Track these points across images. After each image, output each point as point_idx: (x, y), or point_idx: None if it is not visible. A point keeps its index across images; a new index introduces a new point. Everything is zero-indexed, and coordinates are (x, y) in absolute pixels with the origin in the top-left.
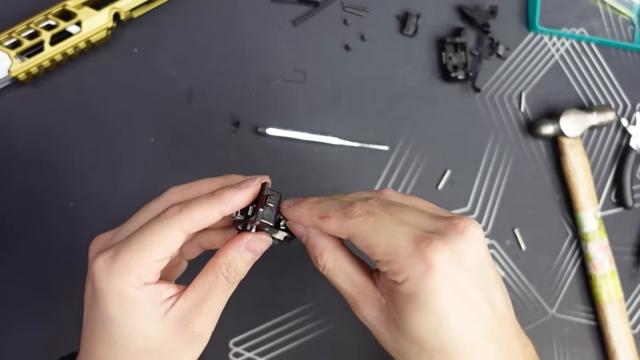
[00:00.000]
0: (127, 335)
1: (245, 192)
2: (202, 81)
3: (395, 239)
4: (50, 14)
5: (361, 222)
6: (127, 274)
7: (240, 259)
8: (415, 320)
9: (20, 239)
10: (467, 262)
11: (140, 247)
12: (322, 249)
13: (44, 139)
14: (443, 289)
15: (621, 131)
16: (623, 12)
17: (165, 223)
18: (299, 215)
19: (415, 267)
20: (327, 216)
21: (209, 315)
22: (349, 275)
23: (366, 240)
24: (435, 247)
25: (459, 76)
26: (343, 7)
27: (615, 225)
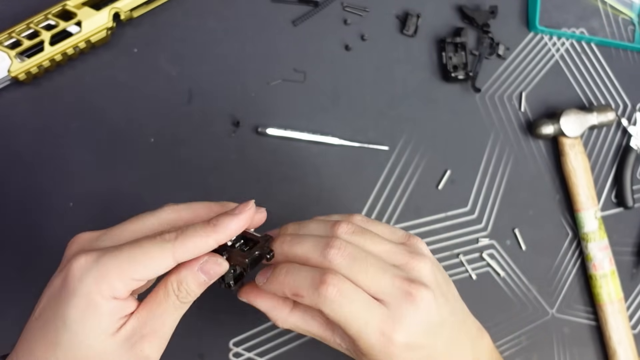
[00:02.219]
0: (75, 343)
1: (240, 218)
2: (202, 81)
3: (366, 328)
4: (50, 14)
5: (335, 306)
6: (102, 282)
7: (192, 279)
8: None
9: (20, 239)
10: (424, 330)
11: (127, 260)
12: (275, 320)
13: (44, 139)
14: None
15: (621, 131)
16: (623, 12)
17: (159, 246)
18: (274, 290)
19: (379, 351)
20: (299, 295)
21: (157, 334)
22: (308, 331)
23: (339, 322)
24: (397, 334)
25: (459, 76)
26: (343, 7)
27: (616, 225)
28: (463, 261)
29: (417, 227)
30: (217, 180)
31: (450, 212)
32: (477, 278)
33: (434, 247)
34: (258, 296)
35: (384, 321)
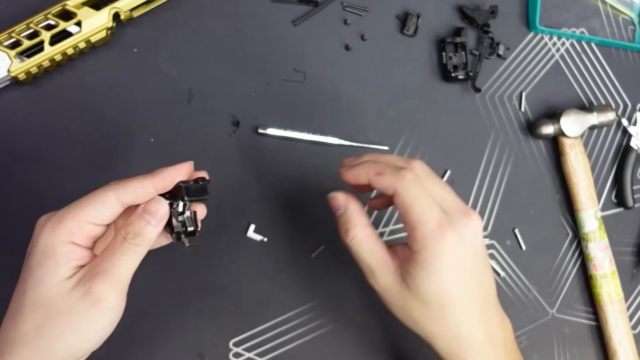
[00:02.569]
0: (35, 286)
1: (175, 168)
2: (202, 81)
3: (427, 213)
4: (50, 14)
5: (409, 187)
6: (58, 226)
7: (138, 220)
8: (423, 282)
9: (20, 239)
10: (469, 245)
11: (77, 206)
12: (356, 223)
13: (44, 139)
14: (448, 262)
15: (621, 131)
16: (623, 12)
17: (103, 190)
18: (356, 173)
19: (432, 243)
20: (382, 173)
21: (107, 275)
22: (373, 249)
23: (405, 204)
24: (451, 233)
25: (459, 76)
26: (343, 6)
27: (616, 225)
28: None
29: None
30: (217, 180)
31: None
32: None
33: None
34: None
35: (443, 218)
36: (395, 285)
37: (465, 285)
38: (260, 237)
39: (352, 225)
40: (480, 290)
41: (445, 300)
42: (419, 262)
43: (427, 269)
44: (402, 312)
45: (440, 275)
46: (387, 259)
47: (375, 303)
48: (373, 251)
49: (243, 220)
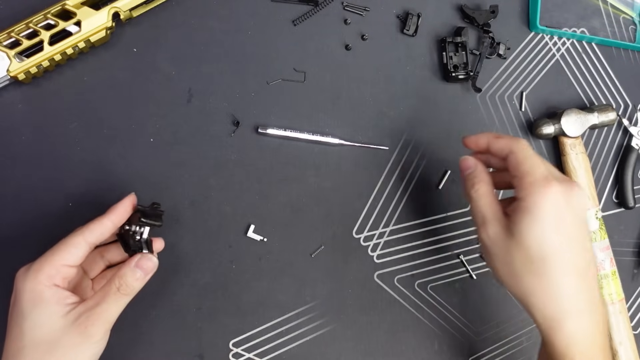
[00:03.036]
0: (34, 326)
1: (126, 201)
2: (202, 81)
3: (536, 167)
4: (49, 14)
5: (523, 147)
6: (39, 274)
7: (130, 274)
8: (526, 229)
9: (20, 239)
10: (574, 208)
11: (51, 253)
12: (481, 179)
13: (44, 139)
14: (551, 211)
15: (622, 131)
16: (624, 12)
17: (71, 236)
18: (477, 138)
19: (538, 189)
20: (500, 136)
21: (100, 318)
22: (490, 201)
23: (518, 159)
24: (556, 185)
25: (459, 76)
26: (343, 6)
27: (617, 225)
28: (463, 261)
29: (417, 227)
30: (217, 180)
31: (451, 213)
32: (477, 278)
33: (434, 248)
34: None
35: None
36: (501, 235)
37: (567, 243)
38: (260, 237)
39: (478, 180)
40: (583, 257)
41: (547, 251)
42: (523, 207)
43: (530, 213)
44: (505, 265)
45: (542, 222)
46: (499, 212)
47: (375, 303)
48: (490, 203)
49: (243, 220)
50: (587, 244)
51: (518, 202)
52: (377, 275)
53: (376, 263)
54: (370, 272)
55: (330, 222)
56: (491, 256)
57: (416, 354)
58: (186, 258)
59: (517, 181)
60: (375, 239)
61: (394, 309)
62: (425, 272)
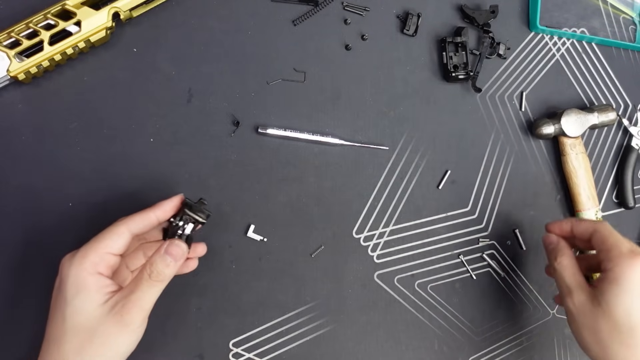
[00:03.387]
0: (75, 313)
1: (171, 200)
2: (202, 81)
3: (621, 242)
4: (49, 14)
5: (606, 226)
6: (84, 261)
7: (160, 260)
8: (614, 299)
9: (20, 239)
10: None
11: (96, 240)
12: (564, 253)
13: (44, 139)
14: (637, 282)
15: (622, 131)
16: (624, 12)
17: (116, 224)
18: (560, 224)
19: (625, 261)
20: (582, 220)
21: (135, 305)
22: (574, 272)
23: (603, 236)
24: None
25: (459, 76)
26: (343, 6)
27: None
28: (463, 261)
29: (417, 227)
30: (217, 180)
31: (451, 213)
32: (477, 278)
33: (434, 248)
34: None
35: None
36: (587, 304)
37: None
38: (260, 237)
39: (561, 253)
40: None
41: (635, 322)
42: (611, 278)
43: (618, 283)
44: (592, 334)
45: (631, 293)
46: (583, 282)
47: (375, 303)
48: (574, 274)
49: (243, 220)
50: None
51: (605, 274)
52: (377, 275)
53: (376, 263)
54: (370, 272)
55: (330, 222)
56: (577, 324)
57: (416, 354)
58: None
59: (603, 255)
60: (375, 239)
61: (394, 309)
62: (425, 272)
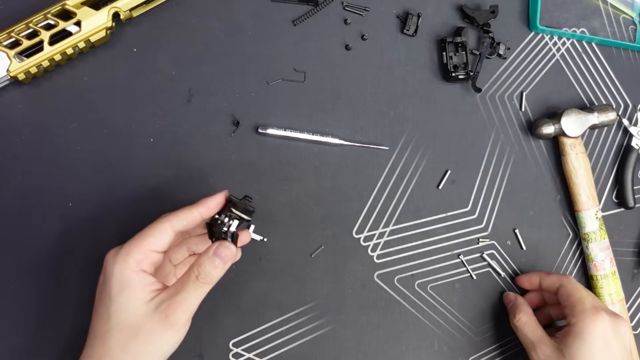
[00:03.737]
0: (120, 310)
1: (215, 197)
2: (202, 81)
3: (586, 298)
4: (49, 14)
5: (572, 281)
6: (128, 258)
7: (209, 262)
8: (577, 351)
9: (20, 239)
10: (621, 338)
11: (139, 238)
12: (522, 310)
13: (44, 139)
14: (600, 336)
15: (622, 131)
16: (624, 12)
17: (159, 221)
18: (529, 277)
19: (588, 317)
20: (550, 273)
21: (180, 306)
22: (534, 328)
23: (568, 291)
24: (605, 315)
25: (459, 76)
26: (343, 6)
27: (617, 225)
28: (463, 261)
29: (417, 227)
30: (217, 180)
31: (451, 213)
32: (477, 278)
33: (434, 248)
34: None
35: (600, 306)
36: (552, 357)
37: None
38: (260, 237)
39: (519, 310)
40: None
41: None
42: (575, 332)
43: (581, 337)
44: None
45: (592, 346)
46: (545, 336)
47: (375, 303)
48: (534, 330)
49: None
50: None
51: (570, 328)
52: (377, 275)
53: (376, 263)
54: (370, 272)
55: (330, 222)
56: None
57: (416, 354)
58: None
59: (568, 310)
60: (375, 239)
61: (394, 309)
62: (425, 272)
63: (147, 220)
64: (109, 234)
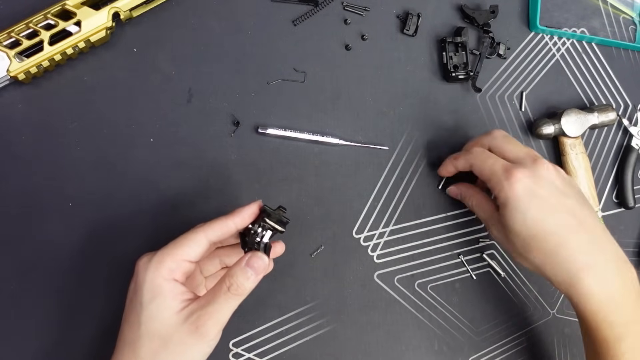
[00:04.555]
0: (151, 318)
1: (249, 207)
2: (202, 81)
3: (495, 166)
4: (49, 14)
5: (477, 156)
6: (160, 266)
7: (241, 273)
8: (510, 220)
9: (20, 239)
10: (544, 182)
11: (173, 246)
12: (471, 195)
13: (44, 139)
14: (523, 194)
15: (622, 131)
16: (624, 12)
17: (193, 231)
18: (445, 166)
19: (504, 183)
20: (458, 157)
21: (211, 318)
22: (484, 208)
23: (478, 167)
24: (517, 171)
25: (459, 76)
26: (343, 6)
27: (617, 225)
28: (463, 261)
29: (417, 227)
30: (217, 180)
31: (451, 212)
32: (477, 278)
33: (434, 248)
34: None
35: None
36: (501, 231)
37: (551, 216)
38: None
39: (469, 196)
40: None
41: (533, 230)
42: (502, 204)
43: (506, 206)
44: (514, 252)
45: (518, 209)
46: (494, 213)
47: (375, 303)
48: (484, 210)
49: None
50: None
51: (497, 200)
52: (377, 275)
53: (376, 263)
54: (370, 272)
55: (330, 222)
56: (504, 248)
57: (416, 354)
58: None
59: (489, 185)
60: (375, 239)
61: (394, 309)
62: (425, 272)
63: (147, 220)
64: (109, 234)
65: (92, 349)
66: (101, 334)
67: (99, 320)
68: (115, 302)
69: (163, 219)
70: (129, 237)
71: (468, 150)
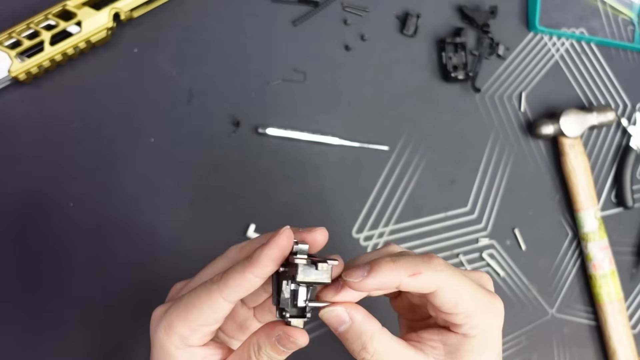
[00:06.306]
0: None
1: (272, 247)
2: (202, 81)
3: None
4: (50, 14)
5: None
6: (171, 333)
7: (271, 346)
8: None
9: (20, 239)
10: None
11: (185, 309)
12: (372, 334)
13: (44, 139)
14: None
15: (621, 131)
16: (623, 12)
17: (208, 289)
18: (380, 282)
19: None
20: (418, 273)
21: None
22: (400, 353)
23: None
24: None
25: (459, 76)
26: (343, 7)
27: (616, 225)
28: (463, 261)
29: (417, 227)
30: (217, 180)
31: (450, 212)
32: None
33: (434, 247)
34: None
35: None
36: None
37: None
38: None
39: (367, 337)
40: None
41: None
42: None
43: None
44: None
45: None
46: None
47: (375, 303)
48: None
49: (243, 220)
50: None
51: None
52: None
53: None
54: None
55: (330, 222)
56: None
57: None
58: (186, 258)
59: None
60: (375, 239)
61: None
62: None
63: (147, 219)
64: (110, 235)
65: (93, 349)
66: (101, 333)
67: (99, 320)
68: (115, 301)
69: (163, 219)
70: (129, 237)
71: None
